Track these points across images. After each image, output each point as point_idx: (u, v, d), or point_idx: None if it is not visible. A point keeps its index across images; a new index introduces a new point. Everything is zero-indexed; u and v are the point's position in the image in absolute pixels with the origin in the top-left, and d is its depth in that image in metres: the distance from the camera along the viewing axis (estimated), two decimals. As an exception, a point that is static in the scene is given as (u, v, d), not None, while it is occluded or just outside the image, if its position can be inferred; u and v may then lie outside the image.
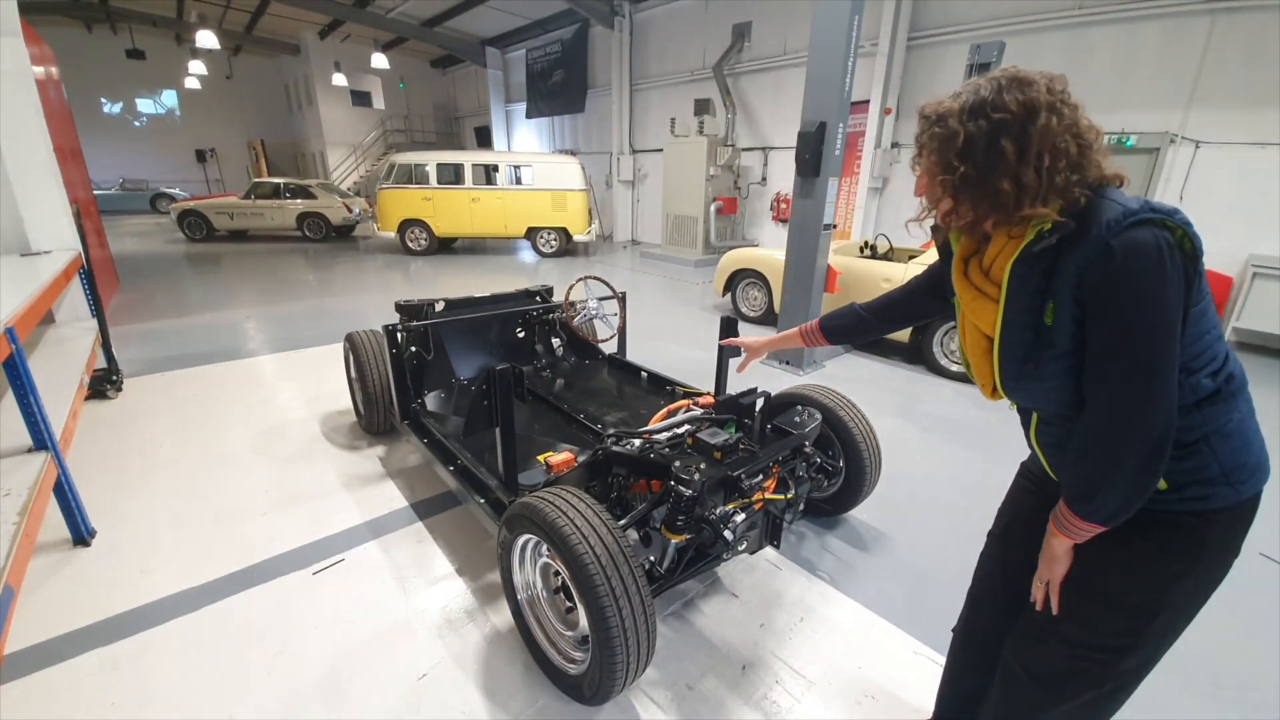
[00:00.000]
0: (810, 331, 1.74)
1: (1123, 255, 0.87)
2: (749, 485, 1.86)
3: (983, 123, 0.92)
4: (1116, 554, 1.06)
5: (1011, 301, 1.02)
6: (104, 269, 6.89)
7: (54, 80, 5.95)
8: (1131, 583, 1.07)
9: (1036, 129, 0.90)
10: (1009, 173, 0.93)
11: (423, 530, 2.64)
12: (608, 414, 2.98)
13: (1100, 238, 0.89)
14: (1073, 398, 1.02)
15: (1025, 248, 0.98)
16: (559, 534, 1.56)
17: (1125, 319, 0.90)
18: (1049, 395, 1.05)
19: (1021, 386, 1.07)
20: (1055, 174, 0.92)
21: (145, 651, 1.97)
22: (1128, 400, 0.92)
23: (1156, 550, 1.04)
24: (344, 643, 2.00)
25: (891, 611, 2.21)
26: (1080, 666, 1.13)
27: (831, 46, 4.15)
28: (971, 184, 0.96)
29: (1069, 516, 1.03)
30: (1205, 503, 1.00)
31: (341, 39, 18.83)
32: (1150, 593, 1.06)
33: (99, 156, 19.28)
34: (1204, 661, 2.03)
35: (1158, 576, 1.05)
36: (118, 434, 3.52)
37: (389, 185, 10.80)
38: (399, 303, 3.31)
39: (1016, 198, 0.93)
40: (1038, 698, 1.20)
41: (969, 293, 1.11)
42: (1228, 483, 0.99)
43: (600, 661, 1.57)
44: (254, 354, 5.08)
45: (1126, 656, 1.10)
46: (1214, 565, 1.06)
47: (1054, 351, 0.99)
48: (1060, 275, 0.95)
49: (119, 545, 2.51)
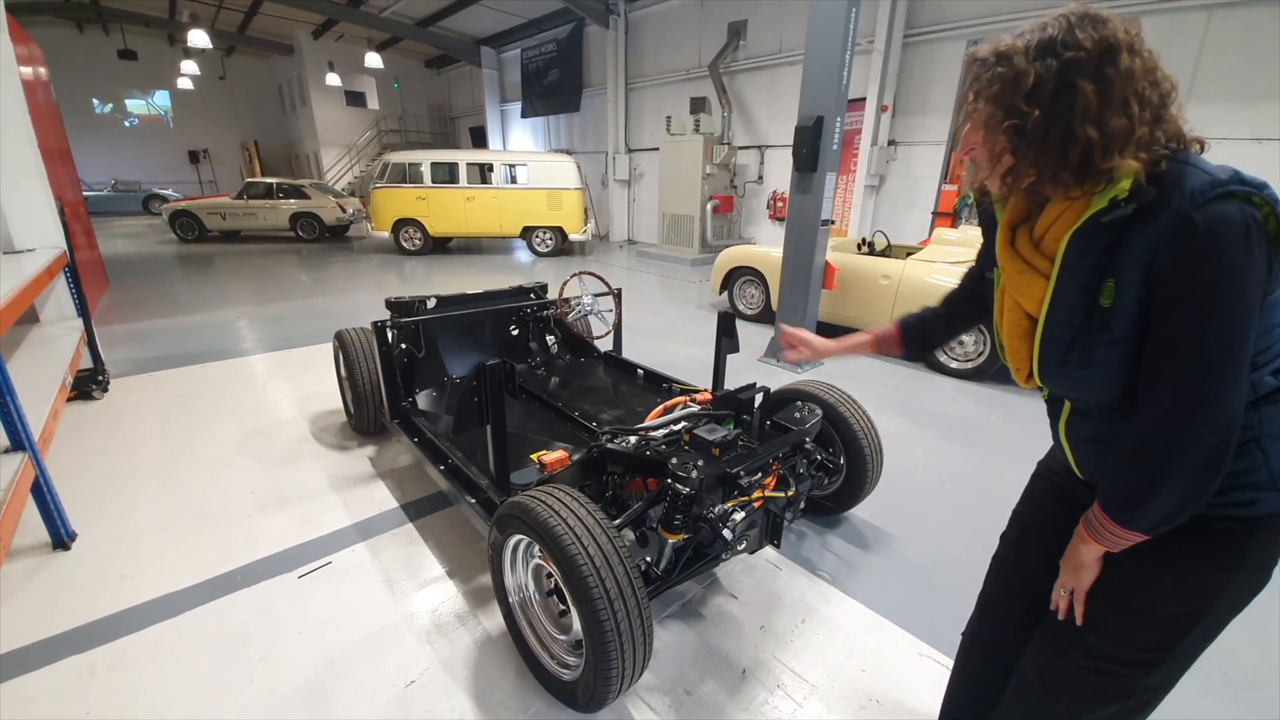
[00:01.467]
0: (885, 338, 1.45)
1: (1206, 231, 0.77)
2: (748, 483, 1.80)
3: (1052, 62, 0.81)
4: (1151, 563, 0.97)
5: (1065, 278, 0.91)
6: (93, 269, 6.81)
7: (42, 80, 5.86)
8: (1167, 594, 0.97)
9: (1118, 71, 0.79)
10: (1089, 118, 0.80)
11: (413, 532, 2.57)
12: (603, 412, 2.91)
13: (1183, 209, 0.78)
14: (1121, 388, 0.92)
15: (1091, 217, 0.86)
16: (551, 534, 1.50)
17: (1201, 304, 0.79)
18: (1094, 384, 0.95)
19: (1065, 374, 0.97)
20: (1139, 124, 0.81)
21: (123, 658, 1.90)
22: (1193, 396, 0.82)
23: (1196, 559, 0.95)
24: (330, 648, 1.93)
25: (895, 612, 2.15)
26: (1103, 681, 1.05)
27: (829, 39, 4.10)
28: (1038, 134, 0.84)
29: (1106, 523, 0.93)
30: (1250, 509, 0.91)
31: (335, 39, 18.73)
32: (1187, 604, 0.97)
33: (91, 158, 19.17)
34: (1215, 659, 1.97)
35: (1196, 587, 0.96)
36: (102, 435, 3.44)
37: (383, 185, 10.71)
38: (390, 300, 3.24)
39: (1090, 151, 0.82)
40: (1054, 711, 1.13)
41: (1015, 265, 0.99)
42: (1275, 488, 0.90)
43: (594, 666, 1.50)
44: (244, 354, 5.00)
45: (1154, 671, 1.02)
46: (1255, 574, 0.96)
47: (1109, 336, 0.88)
48: (1128, 250, 0.83)
49: (100, 548, 2.44)
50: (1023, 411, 4.01)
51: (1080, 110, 0.80)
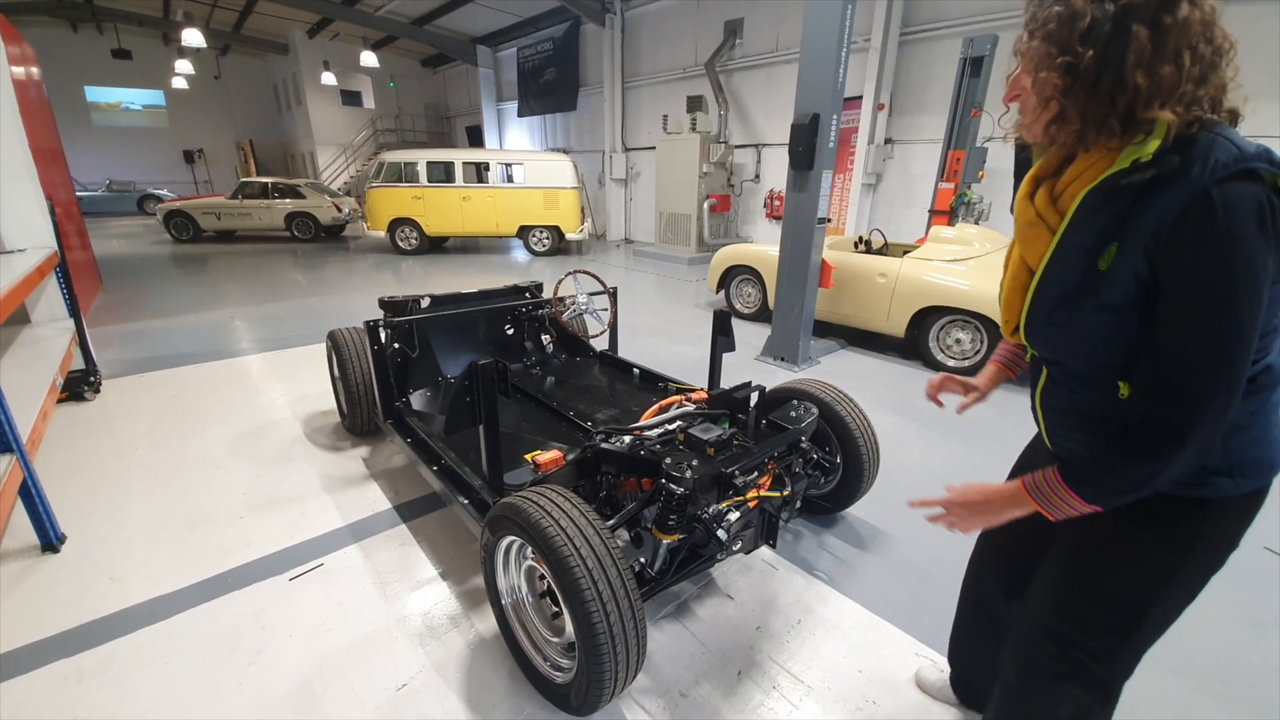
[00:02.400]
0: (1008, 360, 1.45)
1: (1224, 207, 0.76)
2: (743, 483, 1.78)
3: (1110, 5, 0.79)
4: (1109, 546, 1.02)
5: (1070, 235, 0.91)
6: (86, 269, 6.77)
7: (34, 79, 5.82)
8: (1124, 576, 1.02)
9: (1175, 20, 0.77)
10: (1141, 64, 0.78)
11: (406, 533, 2.54)
12: (599, 411, 2.89)
13: (1201, 181, 0.77)
14: (1099, 358, 0.93)
15: (1110, 177, 0.85)
16: (542, 535, 1.48)
17: (1210, 283, 0.78)
18: (1072, 347, 0.95)
19: (1047, 331, 0.97)
20: (1186, 79, 0.79)
21: (112, 662, 1.88)
22: (1196, 377, 0.81)
23: (1150, 541, 0.99)
24: (321, 651, 1.91)
25: (892, 612, 2.13)
26: (1068, 668, 1.09)
27: (825, 35, 4.08)
28: (1089, 77, 0.82)
29: (1059, 489, 0.93)
30: (1202, 490, 0.94)
31: (330, 37, 18.66)
32: (1143, 586, 1.01)
33: (85, 158, 19.09)
34: (1214, 660, 1.97)
35: (1151, 569, 1.00)
36: (93, 436, 3.41)
37: (379, 184, 10.67)
38: (383, 299, 3.21)
39: (1136, 100, 0.80)
40: (1029, 704, 1.18)
41: (1027, 216, 0.99)
42: (1230, 475, 0.93)
43: (587, 669, 1.48)
44: (238, 354, 4.97)
45: (1116, 657, 1.07)
46: (1208, 558, 1.00)
47: (1096, 300, 0.88)
48: (1139, 217, 0.82)
49: (90, 551, 2.41)
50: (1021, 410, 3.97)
51: (1133, 56, 0.78)
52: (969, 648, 1.64)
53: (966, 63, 6.25)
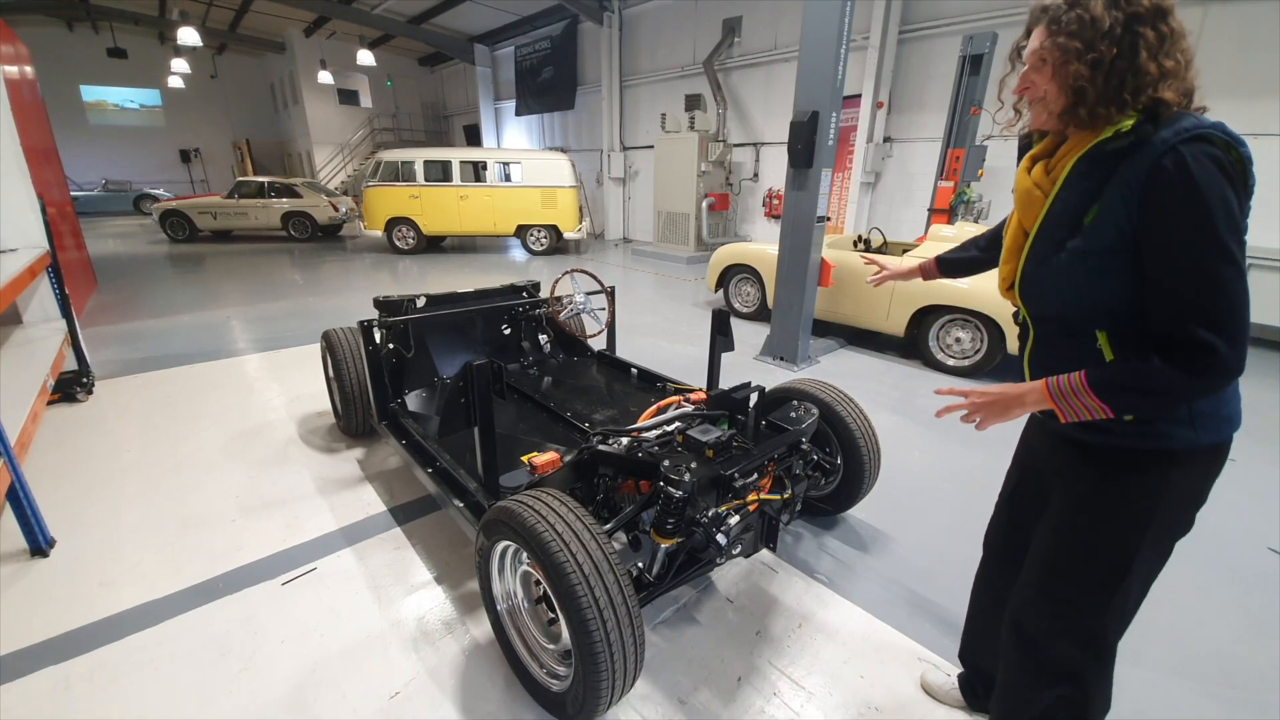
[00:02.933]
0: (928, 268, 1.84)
1: (1190, 158, 0.92)
2: (743, 485, 1.75)
3: (1118, 13, 0.98)
4: (1090, 500, 1.17)
5: (1061, 195, 1.09)
6: (80, 269, 6.72)
7: (27, 78, 5.77)
8: (1106, 528, 1.15)
9: (1168, 27, 0.98)
10: (1153, 55, 0.97)
11: (400, 536, 2.51)
12: (596, 412, 2.86)
13: (1168, 141, 0.94)
14: (1081, 305, 1.08)
15: (1097, 145, 1.03)
16: (537, 540, 1.45)
17: (1190, 225, 0.93)
18: (1057, 293, 1.11)
19: (1037, 281, 1.14)
20: (1181, 68, 0.99)
21: (101, 669, 1.84)
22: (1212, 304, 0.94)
23: (1127, 491, 1.13)
24: (313, 658, 1.87)
25: (894, 615, 2.10)
26: (1061, 625, 1.23)
27: (824, 32, 4.05)
28: (1109, 68, 0.99)
29: (1082, 393, 1.04)
30: (1166, 441, 1.07)
31: (327, 36, 18.58)
32: (1124, 535, 1.14)
33: (81, 157, 19.02)
34: (1219, 662, 1.94)
35: (1129, 518, 1.13)
36: (85, 438, 3.37)
37: (375, 183, 10.62)
38: (378, 299, 3.18)
39: (1148, 83, 0.98)
40: (1028, 671, 1.30)
41: (1025, 185, 1.18)
42: (1191, 426, 1.06)
43: (584, 678, 1.45)
44: (233, 354, 4.92)
45: (1105, 609, 1.19)
46: (1178, 508, 1.13)
47: (1081, 247, 1.04)
48: (1116, 177, 1.00)
49: (79, 555, 2.38)
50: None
51: (1145, 51, 0.97)
52: (982, 647, 1.65)
53: (966, 60, 6.23)
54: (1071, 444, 1.21)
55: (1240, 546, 2.53)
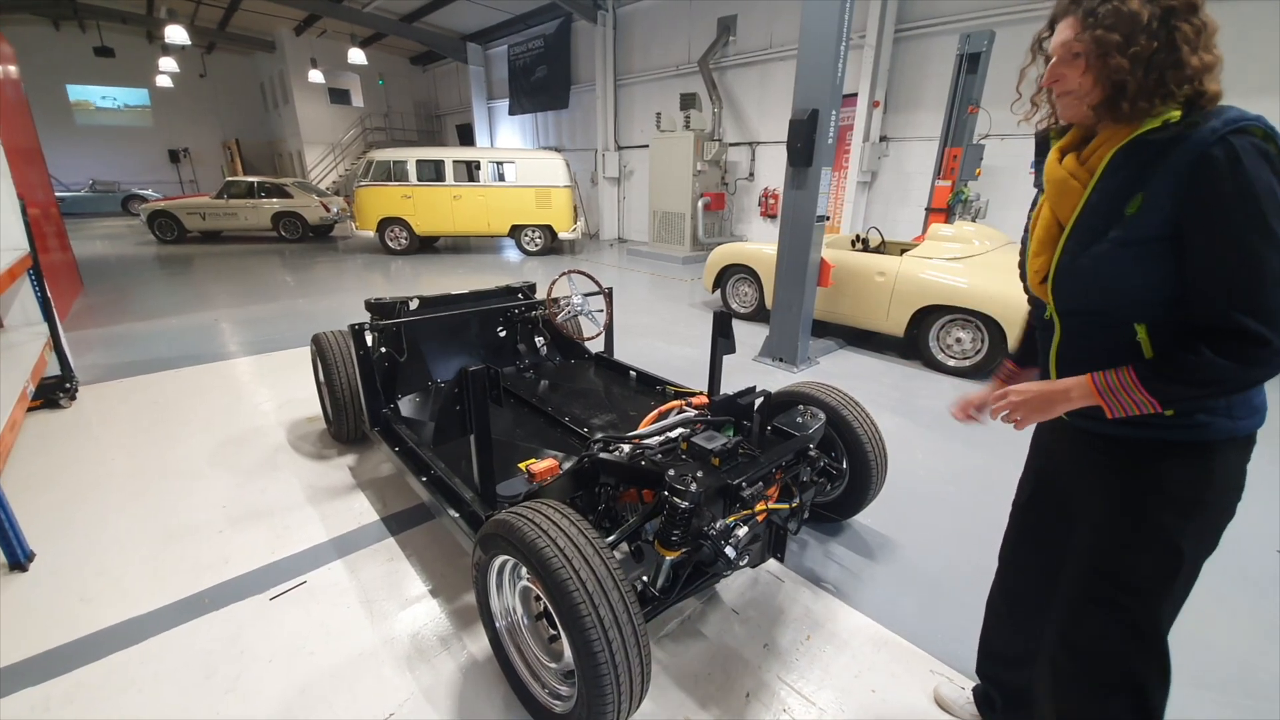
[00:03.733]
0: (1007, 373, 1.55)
1: (1239, 148, 0.91)
2: (750, 494, 1.68)
3: (1155, 8, 0.97)
4: (1130, 498, 1.14)
5: (1100, 185, 1.06)
6: (65, 272, 6.59)
7: (10, 77, 5.64)
8: (1154, 521, 1.11)
9: (1201, 21, 0.97)
10: (1193, 49, 0.96)
11: (394, 546, 2.43)
12: (595, 416, 2.79)
13: (1216, 132, 0.93)
14: (1120, 295, 1.05)
15: (1140, 135, 1.01)
16: (538, 556, 1.38)
17: (1243, 216, 0.92)
18: (1095, 283, 1.07)
19: (1076, 270, 1.10)
20: (1219, 62, 0.98)
21: (80, 690, 1.76)
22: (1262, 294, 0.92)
23: (1167, 483, 1.10)
24: (302, 678, 1.79)
25: (904, 626, 2.04)
26: (1116, 627, 1.17)
27: (824, 29, 3.99)
28: (1151, 61, 0.97)
29: (1131, 388, 1.02)
30: (1205, 431, 1.06)
31: (318, 35, 18.41)
32: (1173, 526, 1.10)
33: (67, 158, 18.76)
34: (1235, 670, 1.89)
35: (1178, 509, 1.10)
36: (68, 446, 3.27)
37: (367, 183, 10.50)
38: (370, 301, 3.09)
39: (1189, 76, 0.97)
40: (1087, 689, 1.23)
41: (1058, 174, 1.14)
42: (1229, 416, 1.05)
43: (588, 700, 1.38)
44: (222, 358, 4.82)
45: (1160, 603, 1.14)
46: (1222, 496, 1.11)
47: (1122, 236, 1.02)
48: (1161, 167, 0.98)
49: (59, 569, 2.28)
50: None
51: (1185, 45, 0.96)
52: (1001, 660, 1.60)
53: (963, 59, 6.19)
54: (1102, 441, 1.17)
55: (1250, 549, 2.49)
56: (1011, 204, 7.65)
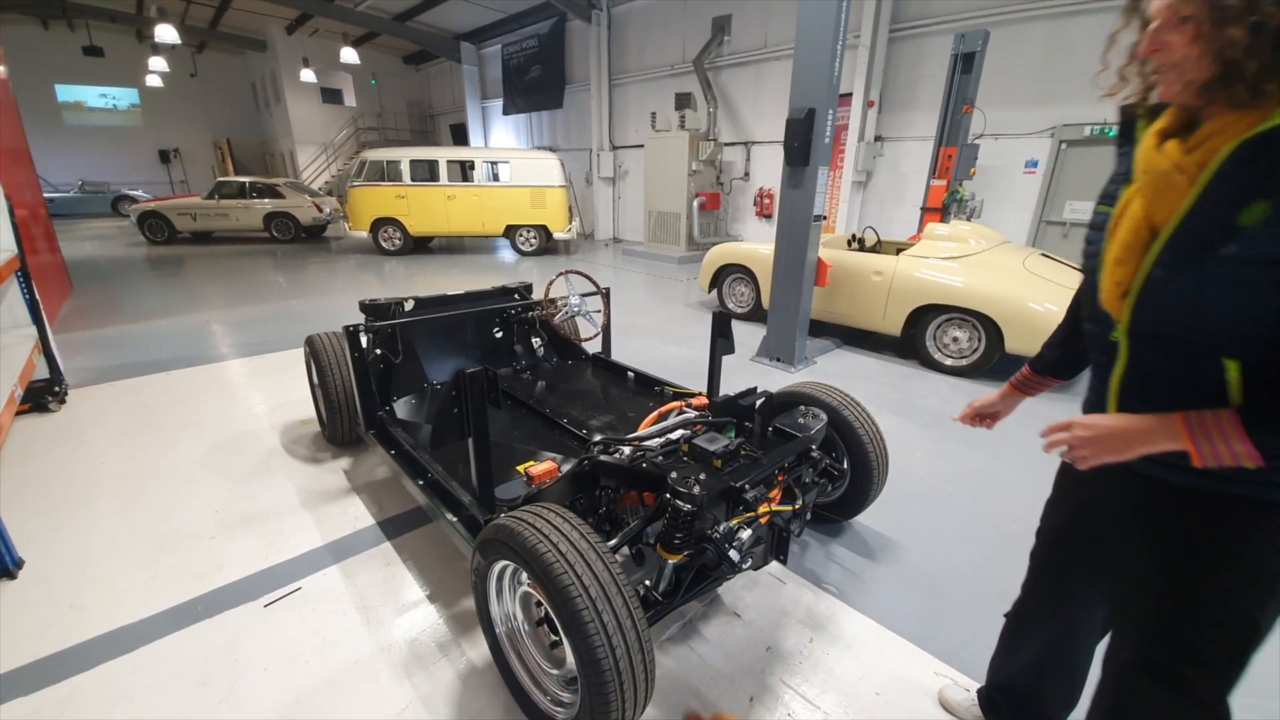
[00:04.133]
0: (1022, 379, 1.48)
1: None
2: (754, 497, 1.66)
3: None
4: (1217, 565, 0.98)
5: (1213, 186, 0.86)
6: (54, 273, 6.51)
7: (-3, 76, 5.57)
8: (1237, 594, 0.97)
9: None
10: None
11: (390, 551, 2.40)
12: (593, 418, 2.76)
13: None
14: (1217, 323, 0.88)
15: (1271, 129, 0.81)
16: (539, 561, 1.35)
17: None
18: (1192, 307, 0.89)
19: (1171, 287, 0.91)
20: None
21: (71, 701, 1.72)
22: None
23: (1248, 547, 0.95)
24: (298, 687, 1.76)
25: (907, 627, 2.03)
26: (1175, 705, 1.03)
27: (820, 27, 3.98)
28: (1269, 35, 0.79)
29: (1230, 433, 0.86)
30: None
31: (310, 34, 18.27)
32: (1254, 601, 0.96)
33: (57, 158, 18.58)
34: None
35: (1262, 581, 0.96)
36: (57, 450, 3.22)
37: (360, 183, 10.43)
38: (364, 302, 3.06)
39: None
40: None
41: (1161, 164, 0.93)
42: None
43: (591, 706, 1.36)
44: (214, 360, 4.76)
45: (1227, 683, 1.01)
46: None
47: (1235, 251, 0.83)
48: None
49: (49, 577, 2.24)
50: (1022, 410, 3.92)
51: None
52: (1015, 670, 1.55)
53: (958, 59, 6.19)
54: (1167, 492, 1.00)
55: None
56: (1006, 203, 7.68)
